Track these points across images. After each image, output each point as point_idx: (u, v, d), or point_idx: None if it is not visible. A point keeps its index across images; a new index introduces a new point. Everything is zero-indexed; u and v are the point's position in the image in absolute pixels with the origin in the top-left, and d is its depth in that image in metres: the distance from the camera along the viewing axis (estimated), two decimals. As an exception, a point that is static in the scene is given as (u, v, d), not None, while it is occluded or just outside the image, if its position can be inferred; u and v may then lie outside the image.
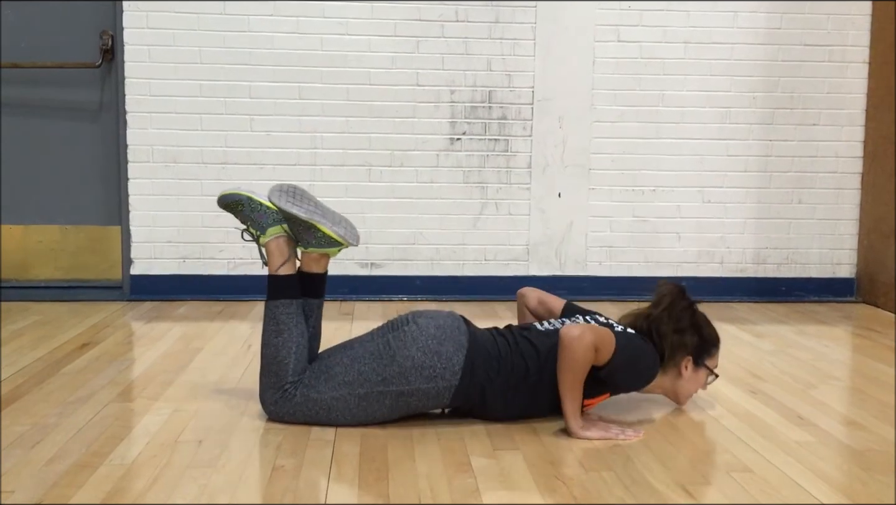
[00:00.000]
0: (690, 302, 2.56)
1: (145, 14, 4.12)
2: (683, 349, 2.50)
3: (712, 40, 4.35)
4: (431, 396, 2.36)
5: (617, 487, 2.01)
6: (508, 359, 2.39)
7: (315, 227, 2.41)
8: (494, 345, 2.42)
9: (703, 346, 2.54)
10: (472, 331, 2.44)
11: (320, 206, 2.46)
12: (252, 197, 2.49)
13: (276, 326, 2.41)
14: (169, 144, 4.19)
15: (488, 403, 2.41)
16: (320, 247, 2.45)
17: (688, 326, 2.52)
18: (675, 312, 2.52)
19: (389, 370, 2.34)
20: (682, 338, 2.50)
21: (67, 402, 2.59)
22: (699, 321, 2.55)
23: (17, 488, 1.95)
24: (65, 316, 3.82)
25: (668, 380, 2.54)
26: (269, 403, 2.42)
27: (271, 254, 2.47)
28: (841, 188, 4.48)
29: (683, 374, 2.53)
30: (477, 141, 4.31)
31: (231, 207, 2.52)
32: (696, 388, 2.58)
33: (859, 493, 2.02)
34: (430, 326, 2.39)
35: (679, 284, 2.60)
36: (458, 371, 2.34)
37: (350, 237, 2.45)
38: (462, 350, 2.36)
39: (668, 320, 2.50)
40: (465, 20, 4.24)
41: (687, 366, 2.53)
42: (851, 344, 3.69)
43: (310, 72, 4.21)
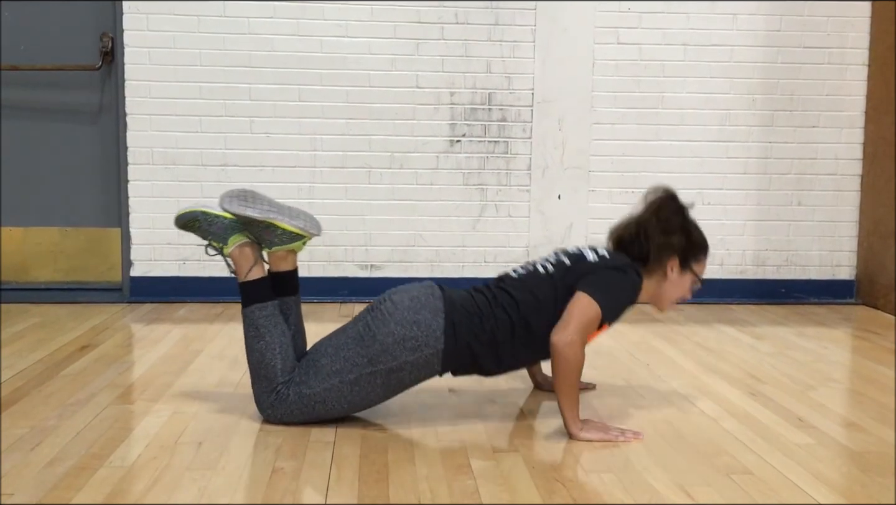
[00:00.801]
0: (681, 206, 2.54)
1: (145, 16, 4.13)
2: (670, 250, 2.48)
3: (712, 42, 4.35)
4: (421, 365, 2.35)
5: (616, 489, 2.01)
6: (490, 313, 2.38)
7: (273, 225, 2.41)
8: (473, 302, 2.40)
9: (691, 248, 2.51)
10: (447, 294, 2.42)
11: (275, 205, 2.45)
12: (206, 211, 2.48)
13: (256, 332, 2.41)
14: (169, 146, 4.20)
15: (480, 361, 2.40)
16: (283, 244, 2.45)
17: (677, 228, 2.50)
18: (665, 214, 2.50)
19: (373, 350, 2.33)
20: (670, 239, 2.48)
21: (67, 404, 2.59)
22: (688, 224, 2.53)
23: (16, 490, 1.95)
24: (64, 318, 3.82)
25: (652, 283, 2.52)
26: (265, 408, 2.41)
27: (237, 262, 2.47)
28: (840, 190, 4.48)
29: (669, 275, 2.50)
30: (477, 143, 4.31)
31: (189, 226, 2.50)
32: (681, 293, 2.55)
33: (858, 495, 2.02)
34: (404, 300, 2.38)
35: (670, 188, 2.57)
36: (440, 336, 2.33)
37: (310, 228, 2.45)
38: (440, 314, 2.35)
39: (657, 222, 2.48)
40: (465, 22, 4.25)
41: (673, 268, 2.50)
42: (851, 346, 3.69)
43: (309, 74, 4.21)
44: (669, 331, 3.75)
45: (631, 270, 2.45)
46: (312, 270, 4.26)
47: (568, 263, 2.47)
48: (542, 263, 2.52)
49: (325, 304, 4.20)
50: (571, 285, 2.39)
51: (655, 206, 2.53)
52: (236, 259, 2.47)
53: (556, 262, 2.50)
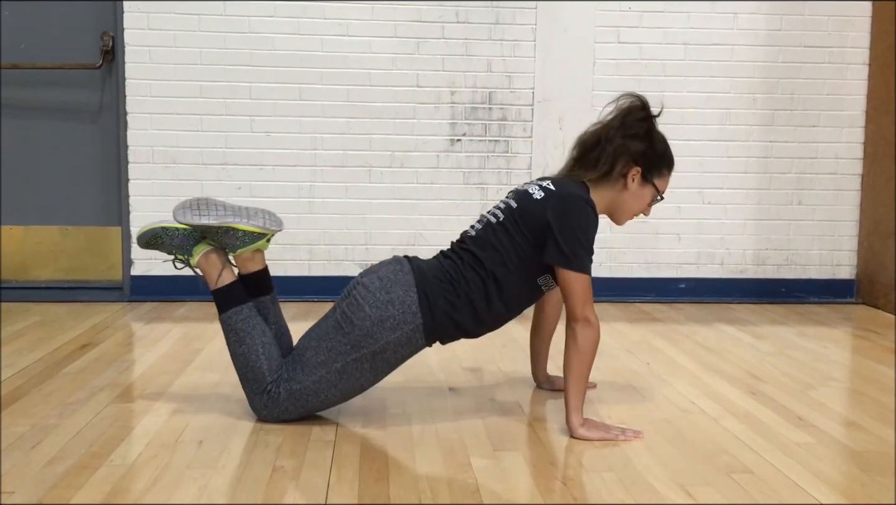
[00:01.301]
0: (649, 113, 2.43)
1: (146, 15, 4.13)
2: (631, 156, 2.40)
3: (712, 42, 4.35)
4: (404, 342, 2.34)
5: (617, 488, 2.01)
6: (460, 276, 2.37)
7: (232, 228, 2.41)
8: (441, 269, 2.39)
9: (654, 159, 2.43)
10: (415, 266, 2.41)
11: (230, 207, 2.45)
12: (166, 226, 2.49)
13: (236, 336, 2.41)
14: (169, 145, 4.20)
15: (462, 325, 2.38)
16: (246, 245, 2.45)
17: (641, 134, 2.41)
18: (629, 120, 2.42)
19: (354, 336, 2.32)
20: (630, 144, 2.39)
21: (67, 403, 2.59)
22: (654, 134, 2.44)
23: (16, 489, 1.95)
24: (65, 317, 3.82)
25: (612, 193, 2.45)
26: (259, 409, 2.41)
27: (205, 270, 2.47)
28: (841, 189, 4.48)
29: (630, 186, 2.43)
30: (477, 142, 4.31)
31: (152, 244, 2.52)
32: (640, 207, 2.48)
33: (858, 494, 2.02)
34: (374, 281, 2.36)
35: (641, 96, 2.47)
36: (416, 310, 2.33)
37: (270, 224, 2.45)
38: (411, 288, 2.34)
39: (620, 126, 2.41)
40: (466, 21, 4.25)
41: (634, 178, 2.43)
42: (851, 345, 3.69)
43: (310, 73, 4.21)
44: (669, 330, 3.75)
45: (580, 203, 2.36)
46: (313, 269, 4.26)
47: (514, 206, 2.42)
48: (493, 213, 2.46)
49: (326, 303, 4.19)
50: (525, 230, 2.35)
51: (623, 112, 2.43)
52: (204, 268, 2.47)
53: (505, 207, 2.45)
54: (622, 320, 3.95)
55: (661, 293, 4.43)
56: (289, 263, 4.25)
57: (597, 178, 2.44)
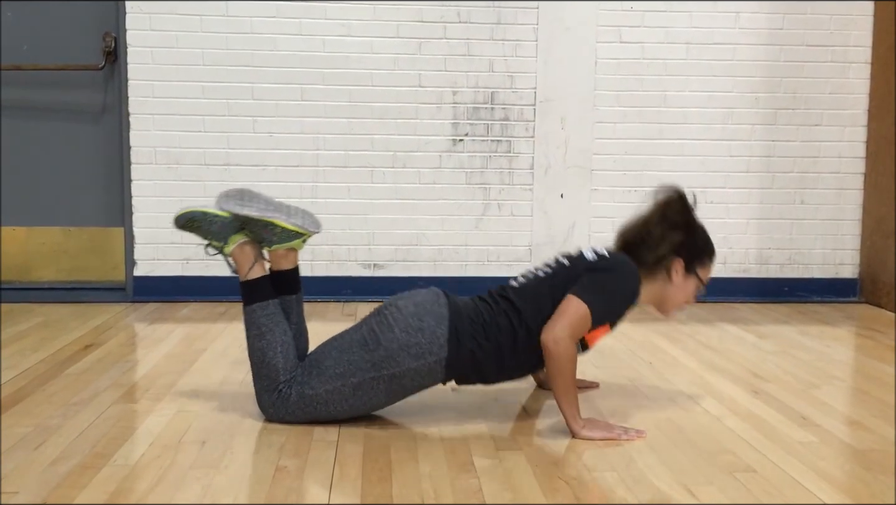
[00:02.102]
0: (688, 206, 2.49)
1: (148, 16, 4.13)
2: (674, 250, 2.44)
3: (714, 41, 4.35)
4: (424, 373, 2.35)
5: (620, 488, 2.01)
6: (493, 322, 2.37)
7: (272, 223, 2.41)
8: (476, 310, 2.40)
9: (696, 250, 2.48)
10: (451, 301, 2.42)
11: (272, 203, 2.45)
12: (206, 211, 2.48)
13: (257, 330, 2.42)
14: (172, 146, 4.20)
15: (483, 369, 2.39)
16: (283, 242, 2.45)
17: (681, 225, 2.45)
18: (669, 212, 2.46)
19: (377, 355, 2.33)
20: (672, 235, 2.43)
21: (70, 403, 2.59)
22: (694, 224, 2.49)
23: (20, 489, 1.95)
24: (68, 318, 3.83)
25: (657, 286, 2.48)
26: (267, 407, 2.42)
27: (238, 261, 2.47)
28: (843, 188, 4.48)
29: (674, 278, 2.47)
30: (479, 142, 4.31)
31: (188, 227, 2.50)
32: (685, 298, 2.52)
33: (861, 493, 2.02)
34: (409, 306, 2.38)
35: (679, 187, 2.51)
36: (443, 343, 2.33)
37: (309, 225, 2.45)
38: (444, 321, 2.35)
39: (661, 220, 2.45)
40: (468, 21, 4.25)
41: (678, 270, 2.46)
42: (854, 344, 3.69)
43: (312, 73, 4.22)
44: (672, 330, 3.75)
45: (627, 270, 2.42)
46: (315, 269, 4.27)
47: (567, 264, 2.46)
48: (542, 270, 2.50)
49: (329, 303, 4.20)
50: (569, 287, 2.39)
51: (662, 205, 2.49)
52: (237, 258, 2.47)
53: (556, 265, 2.49)
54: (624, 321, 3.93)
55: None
56: (291, 263, 4.25)
57: (642, 272, 2.47)
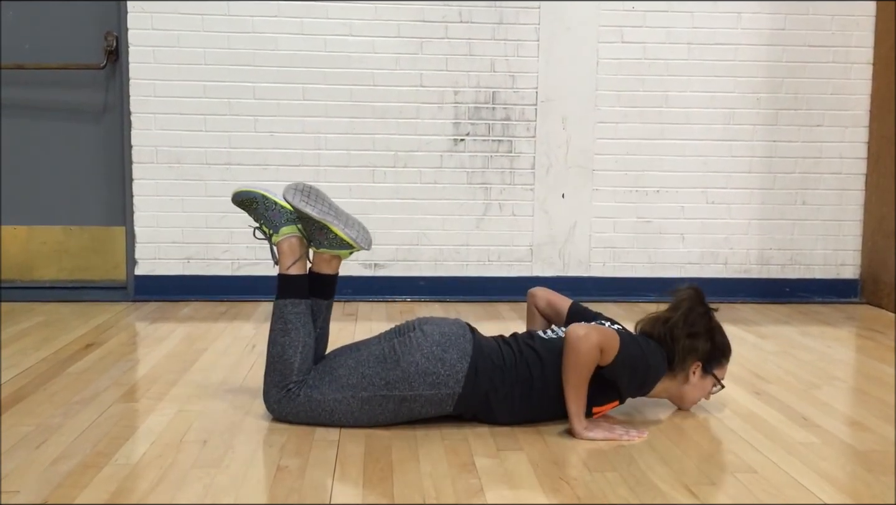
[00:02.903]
0: (707, 308, 2.55)
1: (150, 15, 4.13)
2: (694, 354, 2.50)
3: (716, 41, 4.35)
4: (434, 402, 2.36)
5: (621, 488, 2.01)
6: (513, 368, 2.39)
7: (327, 227, 2.42)
8: (499, 353, 2.42)
9: (714, 354, 2.54)
10: (477, 339, 2.43)
11: (334, 208, 2.47)
12: (267, 195, 2.51)
13: (283, 325, 2.42)
14: (173, 145, 4.20)
15: (493, 411, 2.41)
16: (332, 248, 2.46)
17: (702, 331, 2.52)
18: (692, 317, 2.51)
19: (393, 375, 2.34)
20: (695, 343, 2.50)
21: (72, 402, 2.59)
22: (713, 329, 2.55)
23: (21, 488, 1.96)
24: (69, 317, 3.83)
25: (675, 384, 2.54)
26: (272, 402, 2.42)
27: (283, 253, 2.48)
28: (845, 189, 4.48)
29: (691, 379, 2.53)
30: (480, 142, 4.31)
31: (245, 205, 2.53)
32: (701, 395, 2.58)
33: (862, 493, 2.02)
34: (434, 333, 2.39)
35: (697, 287, 2.58)
36: (461, 379, 2.35)
37: (362, 241, 2.46)
38: (466, 358, 2.36)
39: (684, 325, 2.50)
40: (469, 21, 4.25)
41: (696, 371, 2.53)
42: (855, 345, 3.68)
43: (313, 73, 4.22)
44: (673, 330, 3.74)
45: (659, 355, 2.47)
46: (316, 268, 4.26)
47: None
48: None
49: (329, 302, 4.20)
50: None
51: (684, 309, 2.53)
52: (283, 250, 2.48)
53: None
54: (626, 320, 3.92)
55: (664, 293, 4.41)
56: (292, 262, 4.25)
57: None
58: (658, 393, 2.55)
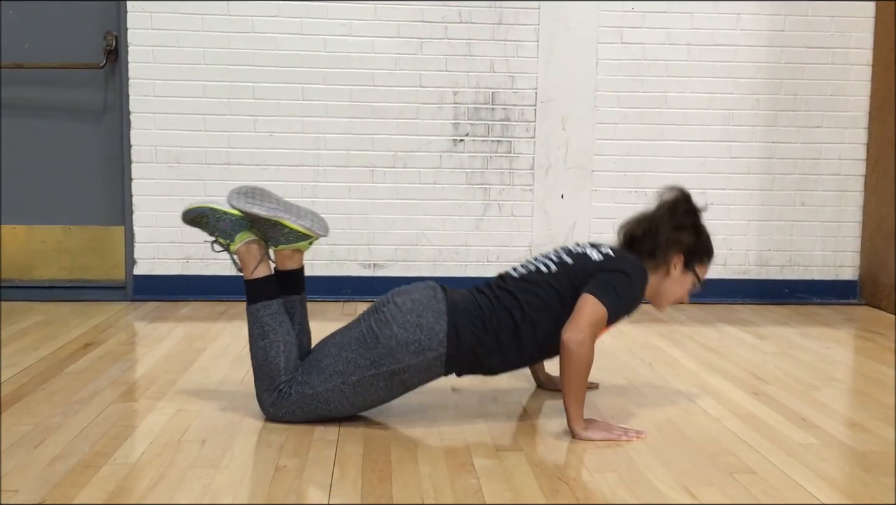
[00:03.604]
0: (694, 206, 2.56)
1: (149, 15, 4.13)
2: (678, 246, 2.49)
3: (715, 42, 4.35)
4: (423, 369, 2.36)
5: (620, 488, 2.01)
6: (493, 315, 2.38)
7: (280, 223, 2.41)
8: (475, 304, 2.40)
9: (697, 248, 2.53)
10: (449, 296, 2.41)
11: (282, 203, 2.45)
12: (214, 207, 2.49)
13: (260, 329, 2.42)
14: (172, 145, 4.20)
15: (484, 362, 2.40)
16: (289, 243, 2.45)
17: (688, 225, 2.52)
18: (678, 212, 2.52)
19: (376, 352, 2.33)
20: (679, 235, 2.49)
21: (71, 402, 2.59)
22: (699, 225, 2.55)
23: (20, 488, 1.95)
24: (68, 316, 3.83)
25: (655, 279, 2.53)
26: (267, 406, 2.42)
27: (243, 259, 2.47)
28: (844, 190, 4.48)
29: (672, 273, 2.52)
30: (480, 142, 4.31)
31: (196, 222, 2.52)
32: (680, 293, 2.57)
33: (861, 494, 2.02)
34: (407, 302, 2.38)
35: (684, 189, 2.58)
36: (443, 339, 2.34)
37: (317, 228, 2.45)
38: (442, 317, 2.35)
39: (669, 219, 2.50)
40: (469, 21, 4.25)
41: (677, 265, 2.51)
42: (854, 346, 3.69)
43: (313, 73, 4.22)
44: (672, 331, 3.75)
45: (637, 271, 2.46)
46: (315, 268, 4.27)
47: (570, 263, 2.47)
48: (543, 262, 2.51)
49: (328, 302, 4.20)
50: (577, 287, 2.39)
51: (669, 203, 2.54)
52: (242, 256, 2.47)
53: (559, 261, 2.49)
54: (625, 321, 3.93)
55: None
56: (292, 262, 4.25)
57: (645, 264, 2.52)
58: None
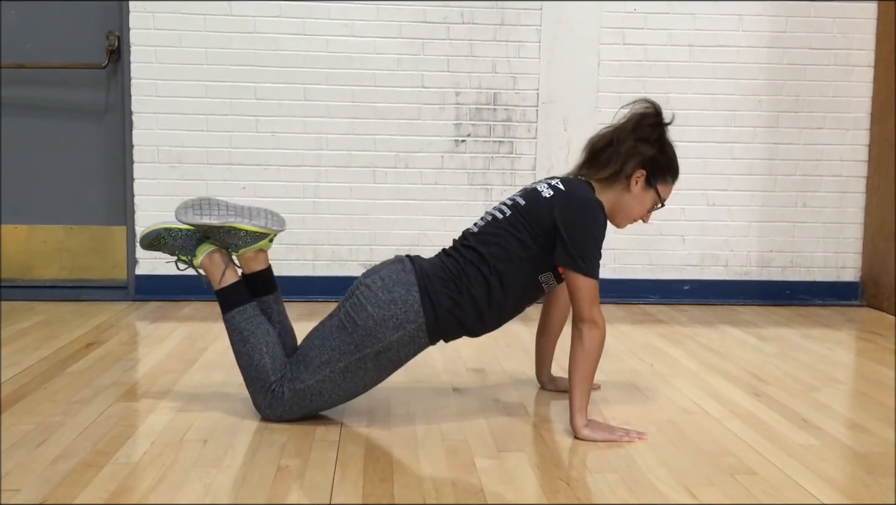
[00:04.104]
0: (661, 120, 2.46)
1: (151, 15, 4.14)
2: (639, 157, 2.41)
3: (717, 43, 4.35)
4: (407, 342, 2.35)
5: (621, 489, 2.01)
6: (462, 274, 2.37)
7: (234, 228, 2.42)
8: (443, 267, 2.40)
9: (660, 164, 2.44)
10: (417, 265, 2.41)
11: (232, 207, 2.45)
12: (168, 227, 2.50)
13: (240, 336, 2.42)
14: (174, 145, 4.20)
15: (465, 323, 2.39)
16: (249, 245, 2.46)
17: (651, 139, 2.43)
18: (643, 125, 2.44)
19: (357, 336, 2.33)
20: (641, 147, 2.41)
21: (72, 401, 2.60)
22: (664, 140, 2.46)
23: (22, 487, 1.96)
24: (69, 316, 3.83)
25: (614, 194, 2.46)
26: (263, 408, 2.42)
27: (208, 271, 2.48)
28: (845, 192, 4.48)
29: (632, 188, 2.45)
30: (482, 143, 4.31)
31: (154, 245, 2.53)
32: (640, 212, 2.50)
33: (862, 495, 2.02)
34: (376, 281, 2.37)
35: (656, 103, 2.49)
36: (418, 309, 2.33)
37: (273, 224, 2.46)
38: (413, 287, 2.34)
39: (633, 129, 2.43)
40: (471, 22, 4.25)
41: (638, 180, 2.44)
42: (855, 347, 3.69)
43: (315, 73, 4.22)
44: (673, 332, 3.75)
45: (592, 207, 2.37)
46: (317, 269, 4.27)
47: (523, 204, 2.42)
48: (499, 209, 2.47)
49: (330, 303, 4.18)
50: (533, 228, 2.35)
51: (637, 117, 2.46)
52: (207, 268, 2.48)
53: (512, 203, 2.46)
54: (626, 322, 3.95)
55: (664, 295, 4.43)
56: (293, 263, 4.26)
57: (604, 178, 2.46)
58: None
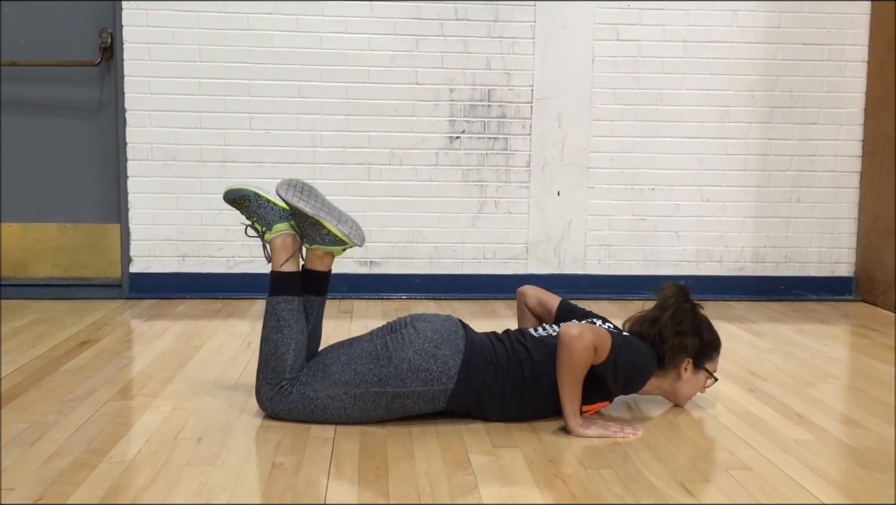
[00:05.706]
0: (693, 304, 2.56)
1: (145, 12, 4.13)
2: (684, 351, 2.51)
3: (711, 39, 4.35)
4: (427, 399, 2.37)
5: (616, 485, 2.01)
6: (505, 365, 2.40)
7: (320, 224, 2.42)
8: (492, 350, 2.42)
9: (704, 349, 2.55)
10: (469, 336, 2.44)
11: (327, 204, 2.47)
12: (259, 193, 2.50)
13: (276, 322, 2.42)
14: (168, 142, 4.19)
15: (486, 408, 2.41)
16: (324, 245, 2.46)
17: (689, 328, 2.52)
18: (678, 315, 2.52)
19: (386, 371, 2.34)
20: (683, 340, 2.51)
21: (66, 399, 2.59)
22: (700, 324, 2.56)
23: (16, 486, 1.95)
24: (64, 314, 3.82)
25: (667, 382, 2.56)
26: (264, 399, 2.42)
27: (275, 250, 2.48)
28: (840, 187, 4.49)
29: (683, 375, 2.54)
30: (476, 139, 4.31)
31: (237, 203, 2.52)
32: (696, 390, 2.59)
33: (857, 491, 2.02)
34: (427, 330, 2.39)
35: (682, 284, 2.59)
36: (454, 375, 2.35)
37: (355, 237, 2.46)
38: (459, 354, 2.36)
39: (671, 323, 2.51)
40: (465, 19, 4.25)
41: (687, 368, 2.54)
42: (850, 342, 3.69)
43: (309, 70, 4.21)
44: (668, 327, 3.75)
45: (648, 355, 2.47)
46: (312, 266, 4.26)
47: None
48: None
49: (325, 300, 4.19)
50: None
51: (670, 308, 2.54)
52: (275, 247, 2.48)
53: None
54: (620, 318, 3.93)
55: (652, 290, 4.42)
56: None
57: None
58: (651, 391, 2.56)
